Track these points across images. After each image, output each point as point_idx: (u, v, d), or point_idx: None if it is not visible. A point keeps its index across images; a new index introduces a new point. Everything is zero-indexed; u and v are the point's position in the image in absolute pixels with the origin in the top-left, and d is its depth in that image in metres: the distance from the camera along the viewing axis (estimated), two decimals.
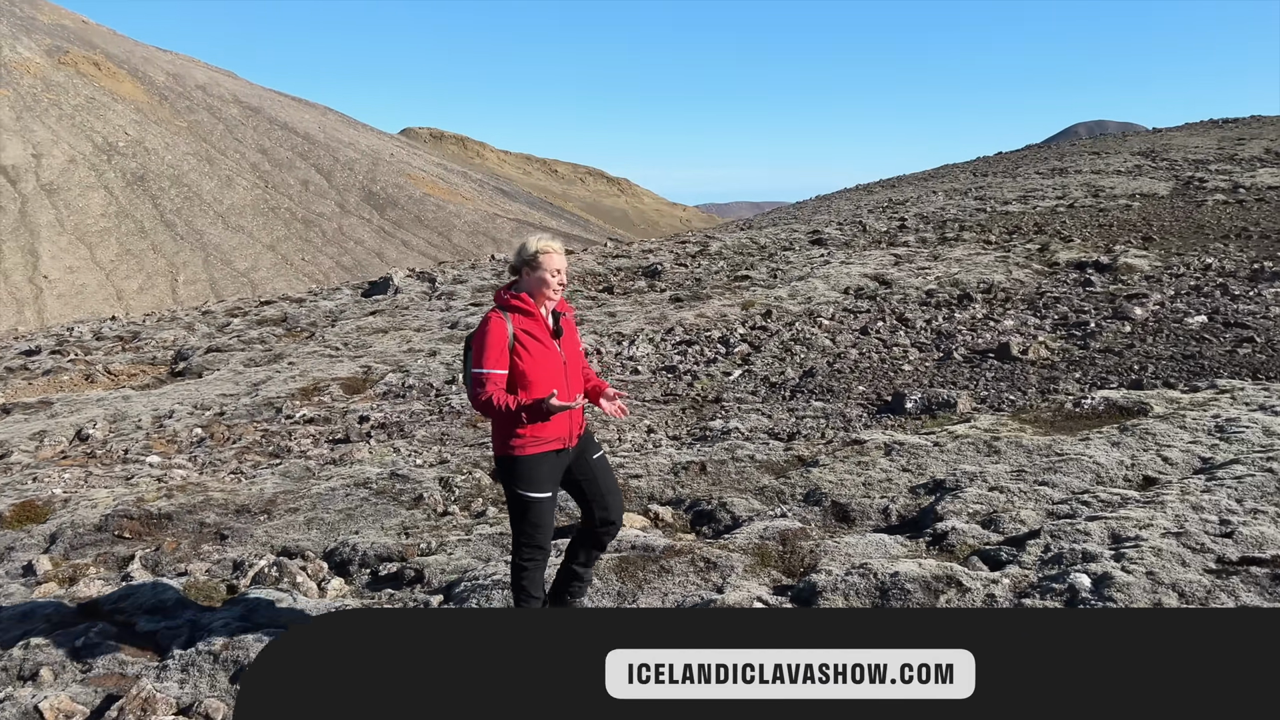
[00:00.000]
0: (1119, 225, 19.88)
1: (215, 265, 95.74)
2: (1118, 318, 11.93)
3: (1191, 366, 9.28)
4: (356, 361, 13.33)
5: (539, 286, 4.23)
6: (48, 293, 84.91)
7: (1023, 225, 20.88)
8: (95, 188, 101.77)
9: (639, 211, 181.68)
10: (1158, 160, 31.26)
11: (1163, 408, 7.72)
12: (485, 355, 4.11)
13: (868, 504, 6.54)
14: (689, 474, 7.41)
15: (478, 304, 17.54)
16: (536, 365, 4.17)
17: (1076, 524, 5.51)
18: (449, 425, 9.81)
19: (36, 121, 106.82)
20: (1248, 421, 6.98)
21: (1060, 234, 19.13)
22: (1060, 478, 6.42)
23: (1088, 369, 9.65)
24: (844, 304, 15.14)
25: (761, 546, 5.74)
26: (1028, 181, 29.94)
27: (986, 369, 10.12)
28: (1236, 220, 18.98)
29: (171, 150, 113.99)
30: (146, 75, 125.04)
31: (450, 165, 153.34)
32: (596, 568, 5.15)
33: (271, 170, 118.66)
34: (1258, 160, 28.48)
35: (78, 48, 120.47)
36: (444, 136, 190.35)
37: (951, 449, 7.27)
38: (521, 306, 4.21)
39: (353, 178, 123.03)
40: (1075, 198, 24.65)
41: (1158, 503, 5.66)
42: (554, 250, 4.28)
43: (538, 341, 4.20)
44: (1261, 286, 13.28)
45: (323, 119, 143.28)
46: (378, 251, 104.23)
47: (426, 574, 6.01)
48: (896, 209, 28.05)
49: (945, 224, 22.61)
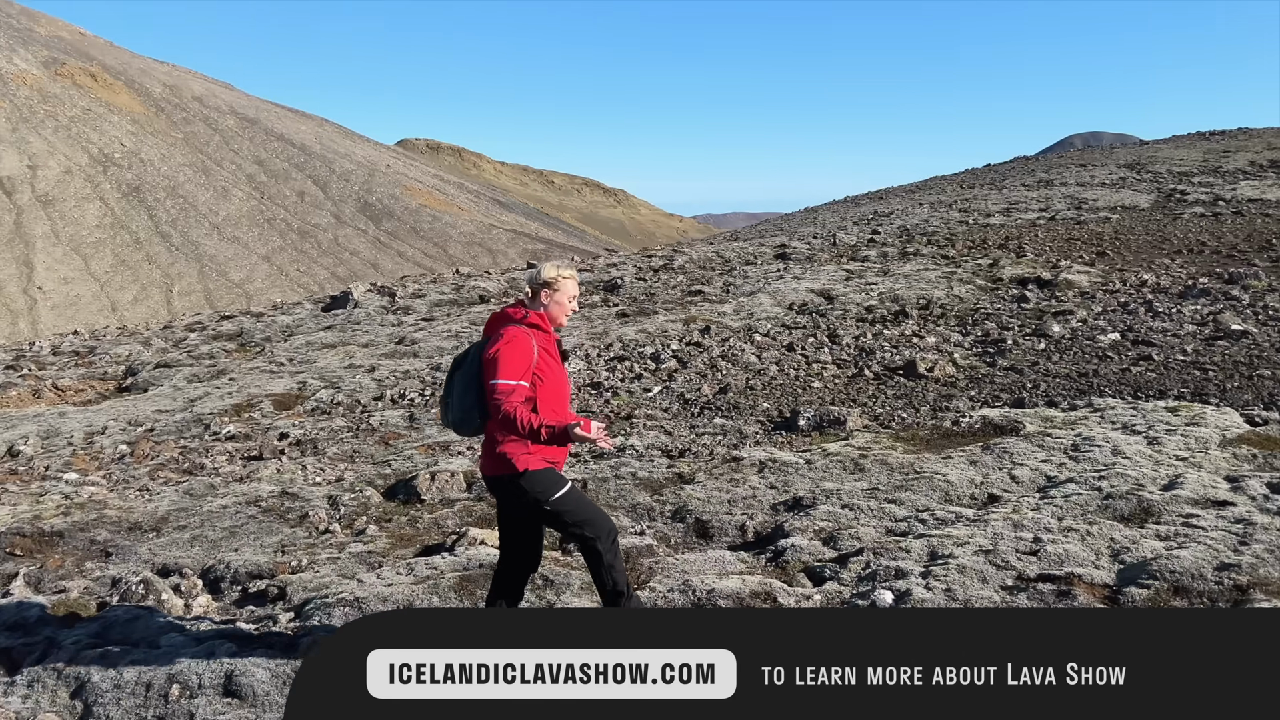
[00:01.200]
0: (1085, 239, 20.08)
1: (210, 276, 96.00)
2: (1037, 335, 12.13)
3: (1082, 385, 9.48)
4: (295, 378, 13.53)
5: (557, 311, 4.34)
6: (42, 304, 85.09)
7: (989, 239, 21.07)
8: (91, 199, 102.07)
9: (635, 222, 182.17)
10: (1142, 173, 31.50)
11: (1035, 426, 7.92)
12: (513, 367, 4.11)
13: (728, 521, 6.73)
14: None
15: (429, 319, 17.75)
16: (551, 385, 4.26)
17: (903, 542, 5.71)
18: (362, 442, 10.01)
19: (32, 133, 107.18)
20: (1102, 440, 7.18)
21: (1019, 249, 19.33)
22: (909, 495, 6.62)
23: (985, 387, 9.86)
24: (784, 320, 15.34)
25: None
26: (1013, 194, 30.19)
27: (891, 386, 10.32)
28: (1204, 234, 19.19)
29: (167, 161, 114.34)
30: (143, 87, 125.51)
31: (447, 176, 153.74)
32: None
33: (267, 181, 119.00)
34: (1241, 173, 28.72)
35: (75, 59, 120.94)
36: (440, 148, 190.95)
37: (820, 466, 7.48)
38: (542, 326, 4.29)
39: (349, 189, 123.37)
40: (1058, 210, 24.89)
41: (984, 521, 5.86)
42: (572, 276, 4.39)
43: (554, 361, 4.32)
44: (1185, 304, 13.50)
45: (319, 130, 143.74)
46: (373, 262, 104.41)
47: (289, 591, 6.20)
48: (881, 221, 28.31)
49: (913, 238, 22.82)
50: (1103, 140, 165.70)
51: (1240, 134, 40.66)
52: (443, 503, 7.75)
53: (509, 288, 21.44)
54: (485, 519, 7.27)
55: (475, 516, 7.35)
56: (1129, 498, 5.89)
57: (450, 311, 18.40)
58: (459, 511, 7.45)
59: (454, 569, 5.90)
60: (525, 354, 4.14)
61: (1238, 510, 5.49)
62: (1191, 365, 9.77)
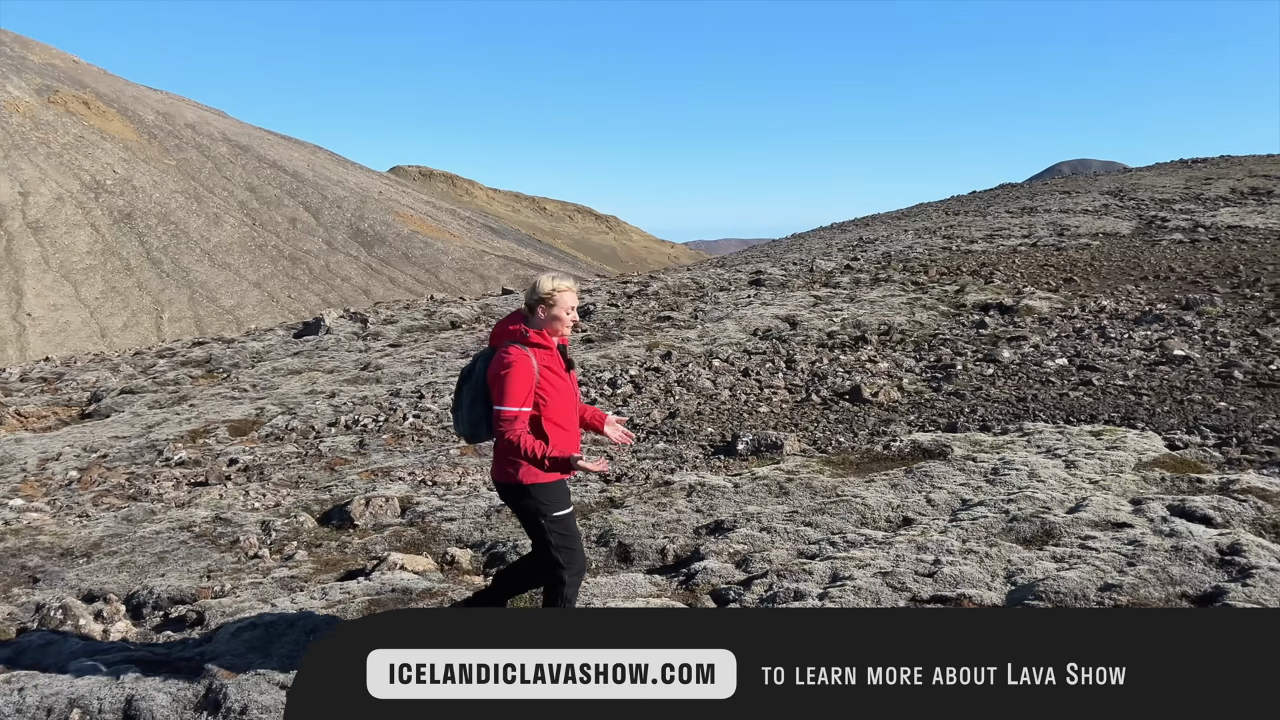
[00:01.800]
0: (1059, 266, 20.24)
1: (201, 302, 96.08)
2: (987, 360, 12.25)
3: (1018, 409, 9.58)
4: (255, 404, 13.59)
5: (553, 324, 4.33)
6: (31, 330, 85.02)
7: (964, 266, 21.24)
8: (82, 225, 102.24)
9: (627, 248, 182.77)
10: (1125, 200, 31.81)
11: (962, 450, 8.00)
12: (513, 393, 4.15)
13: (650, 544, 6.79)
14: (500, 517, 7.67)
15: (397, 345, 17.84)
16: (557, 399, 4.30)
17: (809, 564, 5.78)
18: (309, 468, 10.07)
19: (25, 160, 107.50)
20: (1021, 464, 7.27)
21: (989, 275, 19.50)
22: (826, 519, 6.69)
23: (925, 411, 9.95)
24: (746, 345, 15.43)
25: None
26: (997, 220, 30.43)
27: (835, 411, 10.41)
28: (1176, 260, 19.37)
29: (159, 188, 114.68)
30: (136, 114, 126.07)
31: (439, 203, 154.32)
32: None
33: (259, 208, 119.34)
34: (1221, 200, 29.03)
35: (68, 87, 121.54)
36: (433, 174, 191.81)
37: (747, 490, 7.55)
38: (542, 343, 4.29)
39: (340, 215, 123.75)
40: (1040, 236, 25.12)
41: (890, 544, 5.93)
42: (569, 289, 4.38)
43: (558, 376, 4.33)
44: (1138, 329, 13.63)
45: (312, 157, 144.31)
46: (364, 288, 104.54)
47: (207, 615, 6.24)
48: (865, 248, 28.51)
49: (889, 264, 22.99)
50: (1090, 167, 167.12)
51: (1222, 161, 41.12)
52: (375, 528, 7.80)
53: (481, 313, 21.56)
54: (413, 544, 7.33)
55: (404, 542, 7.40)
56: (1033, 520, 5.97)
57: (419, 337, 18.49)
58: (389, 537, 7.50)
59: (366, 594, 5.95)
60: (526, 377, 4.17)
61: (1133, 532, 5.56)
62: (1129, 390, 9.87)
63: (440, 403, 12.61)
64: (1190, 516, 5.79)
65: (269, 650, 5.50)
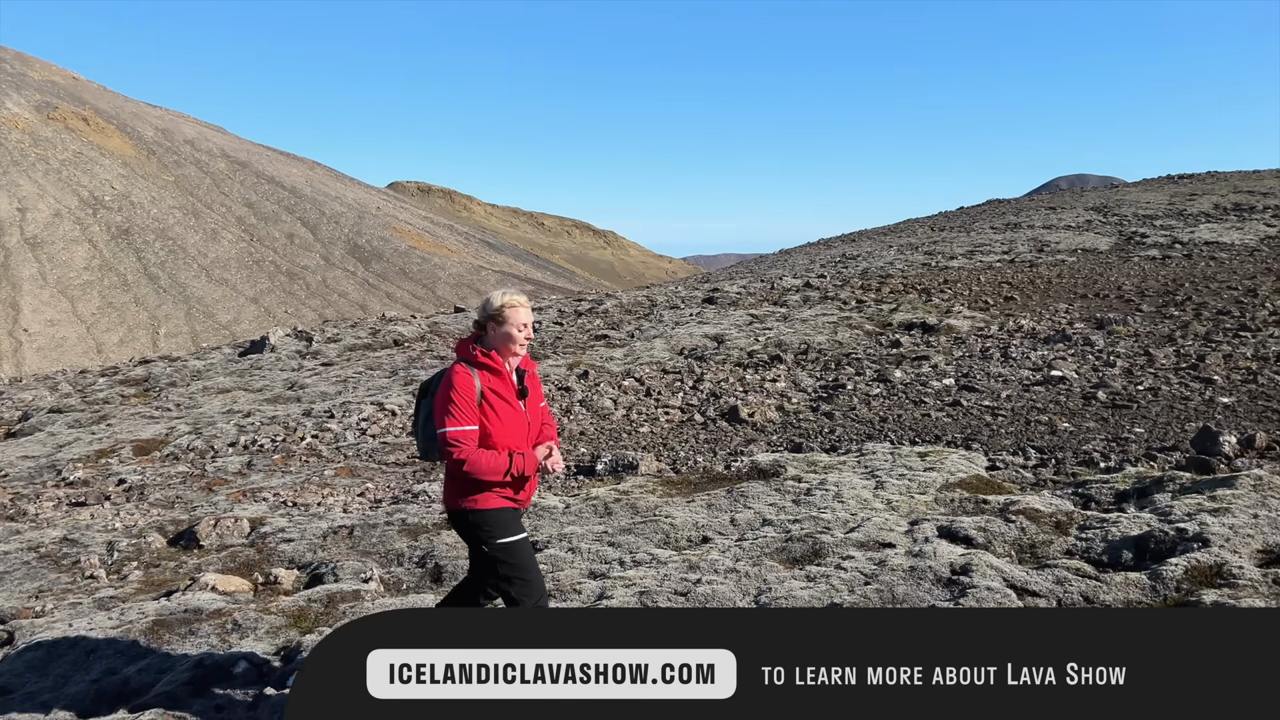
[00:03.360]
0: (1018, 284, 20.35)
1: (197, 318, 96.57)
2: (879, 380, 12.40)
3: (873, 430, 9.73)
4: (169, 423, 13.79)
5: (504, 342, 4.09)
6: (27, 346, 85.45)
7: (926, 283, 21.34)
8: (80, 241, 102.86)
9: (624, 263, 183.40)
10: (1109, 215, 31.96)
11: (795, 471, 8.16)
12: (455, 414, 3.95)
13: (462, 566, 6.95)
14: (335, 539, 7.84)
15: (330, 364, 18.04)
16: (502, 426, 4.06)
17: (587, 584, 5.94)
18: (189, 489, 10.25)
19: (23, 176, 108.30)
20: (834, 485, 7.42)
21: (943, 292, 19.68)
22: (631, 539, 6.85)
23: (789, 432, 10.11)
24: (666, 364, 15.59)
25: (305, 609, 6.17)
26: (980, 236, 30.61)
27: (709, 431, 10.57)
28: (1133, 278, 19.46)
29: (157, 204, 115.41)
30: (135, 130, 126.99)
31: (437, 218, 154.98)
32: None
33: (257, 224, 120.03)
34: (1204, 215, 29.18)
35: (67, 103, 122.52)
36: (431, 190, 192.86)
37: (575, 511, 7.71)
38: (490, 364, 4.07)
39: (338, 231, 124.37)
40: (1019, 253, 25.29)
41: (669, 563, 6.09)
42: (520, 304, 4.14)
43: (504, 402, 4.09)
44: (1042, 348, 13.78)
45: (310, 173, 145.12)
46: (361, 304, 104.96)
47: (17, 636, 6.41)
48: (846, 263, 28.69)
49: (848, 282, 23.17)
50: (1088, 182, 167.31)
51: (1209, 177, 41.25)
52: (218, 549, 7.97)
53: (428, 331, 21.76)
54: (246, 565, 7.49)
55: (238, 562, 7.56)
56: (806, 540, 6.12)
57: (353, 356, 18.69)
58: (225, 557, 7.66)
59: (158, 614, 6.12)
60: (467, 395, 3.97)
61: (890, 552, 5.71)
62: (990, 411, 10.02)
63: (345, 422, 12.79)
64: (952, 537, 5.94)
65: (47, 670, 5.68)
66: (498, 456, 3.97)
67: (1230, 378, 10.53)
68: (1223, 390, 9.90)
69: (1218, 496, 5.93)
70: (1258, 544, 5.24)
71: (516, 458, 4.02)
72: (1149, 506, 6.20)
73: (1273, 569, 4.95)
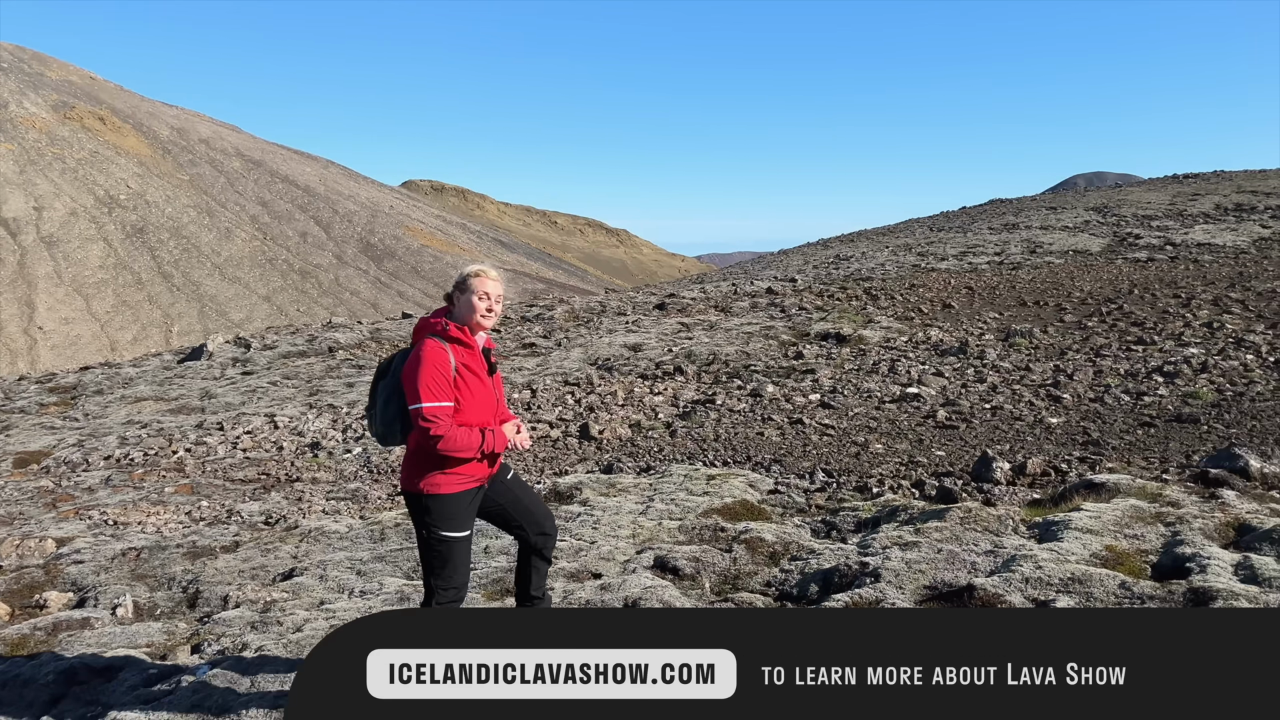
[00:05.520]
0: (974, 289, 20.34)
1: (210, 316, 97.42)
2: (752, 395, 12.38)
3: (703, 449, 9.76)
4: (64, 434, 13.96)
5: (468, 311, 3.99)
6: (42, 344, 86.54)
7: (893, 288, 21.31)
8: (95, 240, 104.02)
9: (637, 262, 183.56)
10: (1107, 216, 31.70)
11: (590, 493, 8.32)
12: (432, 388, 3.83)
13: (216, 593, 7.00)
14: (124, 560, 7.90)
15: (249, 373, 18.19)
16: (474, 401, 3.98)
17: (301, 617, 5.98)
18: (34, 505, 10.38)
19: (40, 175, 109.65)
20: (609, 509, 7.53)
21: (889, 297, 19.64)
22: (380, 566, 6.90)
23: (625, 449, 10.14)
24: (571, 376, 15.60)
25: (27, 637, 6.25)
26: (976, 237, 30.48)
27: (555, 448, 10.65)
28: (1090, 283, 19.38)
29: (172, 203, 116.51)
30: (151, 129, 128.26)
31: (450, 217, 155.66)
32: (547, 581, 4.90)
33: (271, 222, 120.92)
34: (1202, 216, 28.91)
35: (84, 103, 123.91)
36: (445, 189, 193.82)
37: (352, 536, 7.77)
38: (461, 338, 3.97)
39: (351, 229, 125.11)
40: (1011, 254, 25.20)
41: (380, 593, 6.13)
42: (486, 275, 4.05)
43: (476, 377, 4.00)
44: (932, 361, 13.69)
45: (324, 172, 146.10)
46: (373, 302, 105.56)
47: None
48: (838, 265, 28.66)
49: (811, 286, 23.15)
50: (1106, 180, 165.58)
51: (1213, 176, 40.77)
52: (14, 569, 8.06)
53: (369, 338, 21.88)
54: (28, 586, 7.55)
55: (21, 584, 7.61)
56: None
57: (277, 364, 18.84)
58: (12, 579, 7.74)
59: None
60: (441, 368, 3.86)
61: (595, 583, 5.70)
62: (823, 430, 10.01)
63: (228, 435, 12.91)
64: (663, 568, 5.93)
65: None
66: (471, 433, 3.89)
67: (1081, 396, 10.45)
68: (1059, 411, 9.81)
69: (922, 529, 5.90)
70: (926, 580, 5.19)
71: (489, 434, 3.96)
72: (867, 538, 6.17)
73: (926, 605, 4.92)
